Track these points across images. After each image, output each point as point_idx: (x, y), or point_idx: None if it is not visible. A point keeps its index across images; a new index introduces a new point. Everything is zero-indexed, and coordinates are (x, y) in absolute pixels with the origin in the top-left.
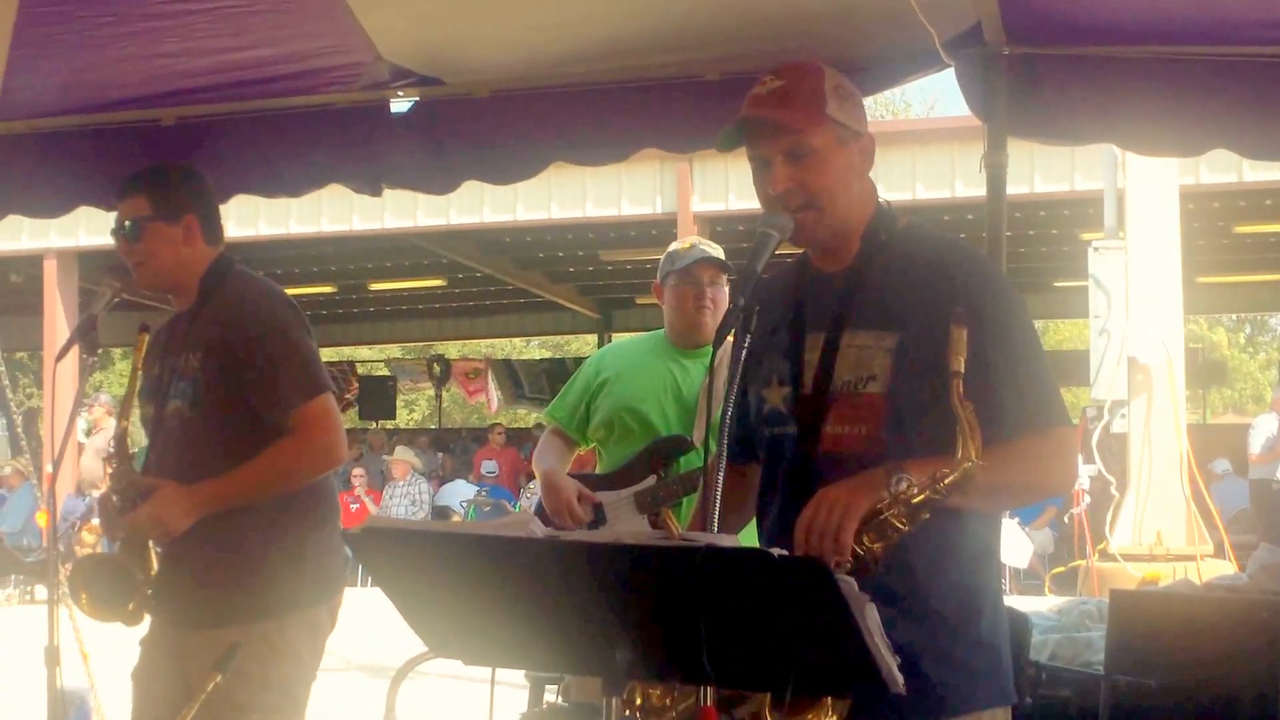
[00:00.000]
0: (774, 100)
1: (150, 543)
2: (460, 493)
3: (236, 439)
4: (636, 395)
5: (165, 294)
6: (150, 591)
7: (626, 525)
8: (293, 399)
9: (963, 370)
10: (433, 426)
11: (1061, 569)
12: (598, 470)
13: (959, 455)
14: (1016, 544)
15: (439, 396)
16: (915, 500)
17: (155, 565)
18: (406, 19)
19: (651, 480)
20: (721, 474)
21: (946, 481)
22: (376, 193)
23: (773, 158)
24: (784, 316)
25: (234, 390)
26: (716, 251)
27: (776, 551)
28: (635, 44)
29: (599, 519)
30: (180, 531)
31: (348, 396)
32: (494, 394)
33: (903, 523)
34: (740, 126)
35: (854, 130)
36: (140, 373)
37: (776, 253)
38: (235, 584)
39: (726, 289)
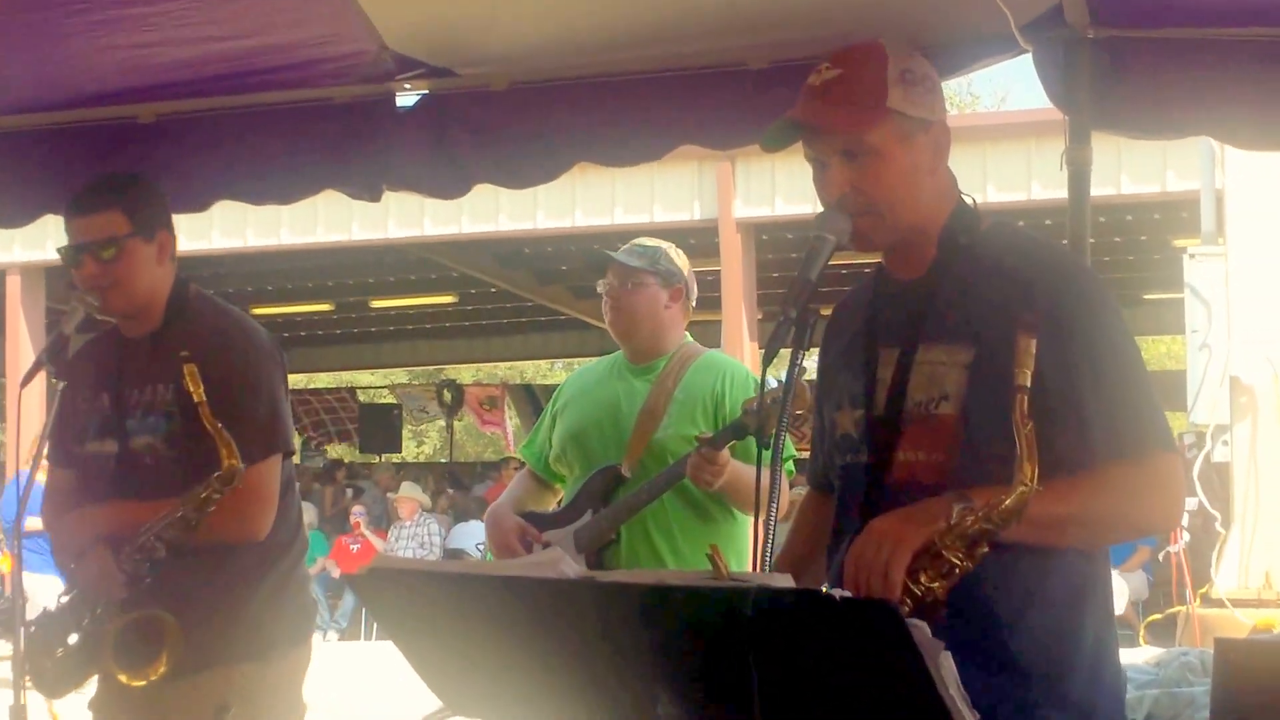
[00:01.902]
0: (825, 95)
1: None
2: (476, 534)
3: None
4: (581, 422)
5: (127, 319)
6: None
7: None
8: (242, 457)
9: (1028, 384)
10: (443, 460)
11: (1158, 616)
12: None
13: (1015, 479)
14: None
15: (450, 427)
16: (970, 530)
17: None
18: (414, 3)
19: (588, 516)
20: (775, 505)
21: (1000, 509)
22: (378, 198)
23: (829, 159)
24: (858, 330)
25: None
26: (638, 248)
27: (838, 593)
28: (671, 29)
29: None
30: (119, 585)
31: (349, 428)
32: (511, 425)
33: (959, 557)
34: (788, 126)
35: (922, 120)
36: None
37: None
38: (219, 625)
39: (652, 289)
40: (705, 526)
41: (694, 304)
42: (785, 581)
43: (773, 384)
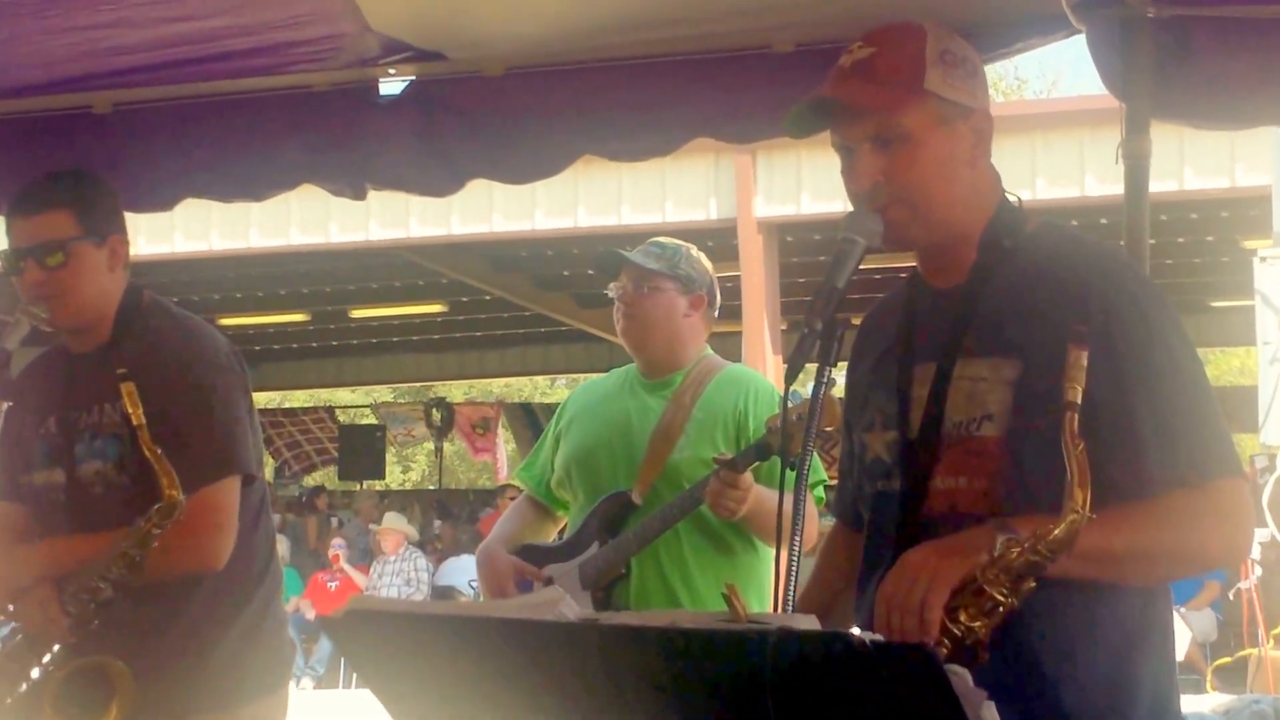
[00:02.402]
0: (857, 73)
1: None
2: (468, 570)
3: None
4: (587, 443)
5: (75, 333)
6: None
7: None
8: (191, 478)
9: (1079, 401)
10: (432, 488)
11: (1227, 660)
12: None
13: (1065, 507)
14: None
15: (439, 450)
16: (1015, 564)
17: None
18: None
19: (594, 549)
20: (798, 535)
21: (1049, 540)
22: (360, 195)
23: (857, 144)
24: (891, 344)
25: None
26: (655, 248)
27: (868, 636)
28: (685, 7)
29: None
30: (62, 629)
31: (331, 452)
32: (504, 454)
33: (1004, 593)
34: (814, 106)
35: (962, 106)
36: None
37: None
38: (179, 672)
39: (669, 295)
40: (724, 560)
41: (716, 313)
42: (810, 623)
43: (799, 398)
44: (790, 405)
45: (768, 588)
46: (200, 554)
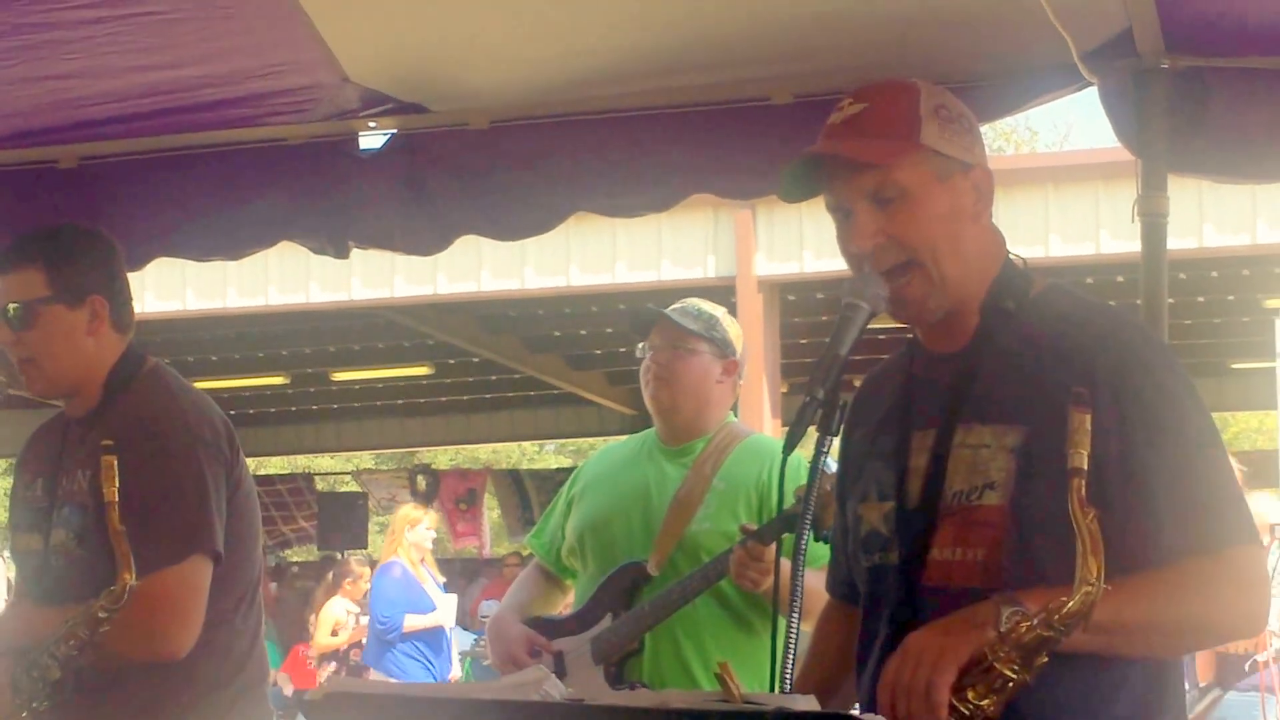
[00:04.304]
0: (850, 128)
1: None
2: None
3: None
4: (603, 510)
5: (59, 398)
6: None
7: (584, 680)
8: (152, 558)
9: (1084, 467)
10: None
11: None
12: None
13: (1077, 578)
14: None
15: None
16: (1026, 639)
17: None
18: (380, 30)
19: (607, 621)
20: (796, 609)
21: (1063, 612)
22: (343, 254)
23: (855, 204)
24: (889, 412)
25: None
26: (692, 309)
27: (867, 718)
28: (680, 58)
29: (559, 672)
30: (5, 705)
31: (302, 524)
32: (488, 529)
33: (1014, 669)
34: (806, 166)
35: (960, 161)
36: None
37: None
38: None
39: (705, 359)
40: (742, 636)
41: (741, 381)
42: (809, 703)
43: (832, 467)
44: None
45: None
46: (157, 640)
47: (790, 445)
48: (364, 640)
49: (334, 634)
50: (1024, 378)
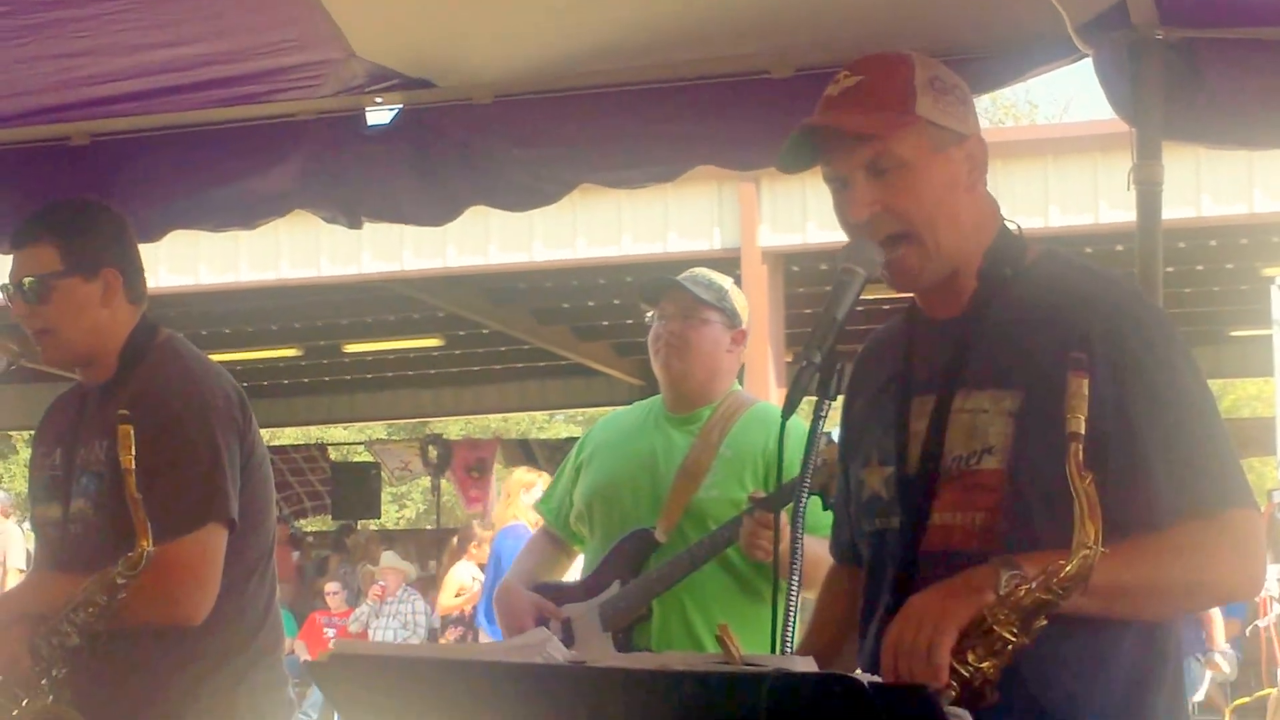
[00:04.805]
0: (847, 101)
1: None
2: None
3: None
4: (610, 477)
5: (74, 368)
6: None
7: (593, 646)
8: (168, 526)
9: (1082, 431)
10: (429, 527)
11: (1245, 700)
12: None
13: (1075, 541)
14: (1188, 668)
15: (436, 488)
16: (1025, 602)
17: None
18: (387, 6)
19: (615, 588)
20: (796, 575)
21: (1061, 576)
22: (356, 224)
23: (852, 175)
24: (889, 378)
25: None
26: (703, 279)
27: (866, 678)
28: (681, 33)
29: (568, 639)
30: (25, 671)
31: (319, 489)
32: (494, 499)
33: (1014, 632)
34: (805, 138)
35: (955, 132)
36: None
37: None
38: None
39: (716, 329)
40: (749, 603)
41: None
42: (807, 665)
43: (835, 437)
44: (829, 444)
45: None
46: (174, 606)
47: (788, 410)
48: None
49: (458, 596)
50: (1021, 343)
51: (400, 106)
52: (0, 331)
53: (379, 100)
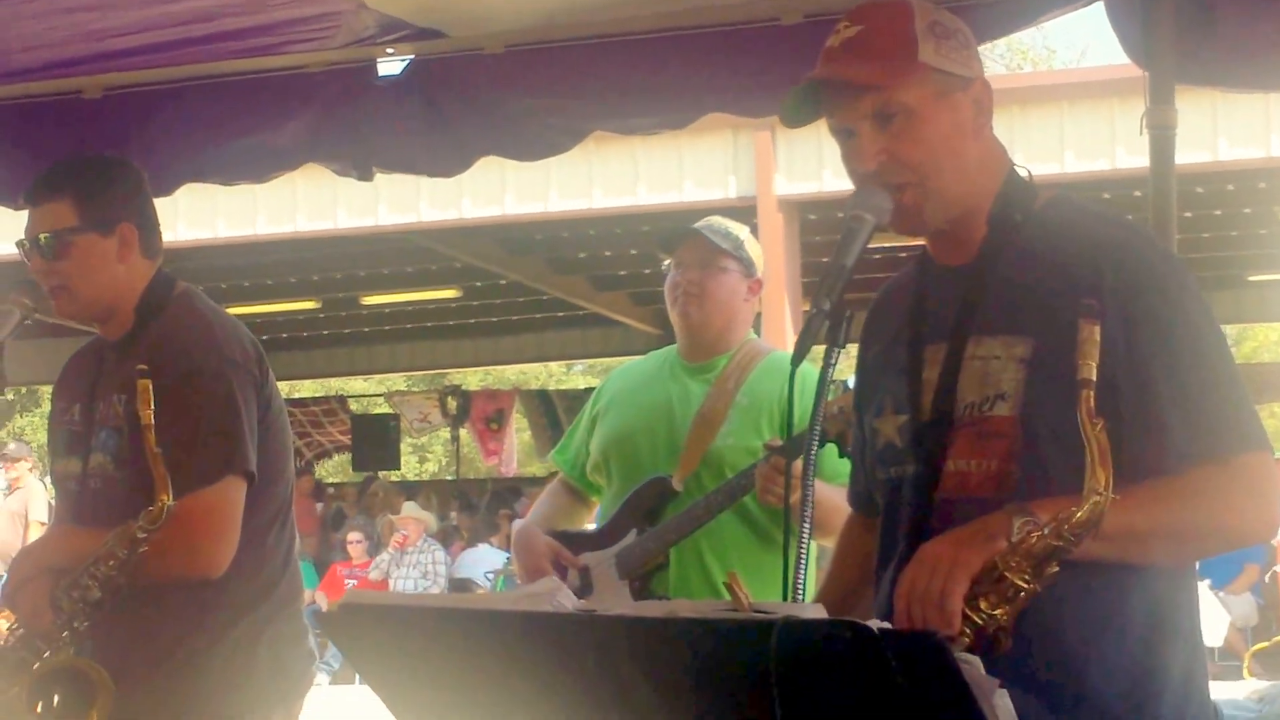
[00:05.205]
0: (848, 51)
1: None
2: (485, 561)
3: None
4: (626, 426)
5: (91, 323)
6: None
7: (610, 594)
8: (187, 479)
9: (1093, 378)
10: (450, 478)
11: (1265, 645)
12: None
13: (1086, 488)
14: (1208, 614)
15: (456, 438)
16: (1037, 549)
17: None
18: None
19: (632, 536)
20: (808, 523)
21: (1073, 522)
22: (367, 176)
23: (857, 125)
24: (902, 326)
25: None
26: (720, 228)
27: (875, 625)
28: None
29: (585, 587)
30: (47, 624)
31: (339, 438)
32: (516, 444)
33: (1025, 579)
34: (809, 91)
35: (959, 77)
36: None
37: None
38: (172, 684)
39: (734, 277)
40: (766, 551)
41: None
42: (817, 612)
43: (846, 388)
44: (844, 393)
45: (810, 584)
46: (194, 559)
47: (798, 358)
48: None
49: None
50: (1032, 289)
51: (411, 57)
52: (13, 285)
53: (390, 51)
